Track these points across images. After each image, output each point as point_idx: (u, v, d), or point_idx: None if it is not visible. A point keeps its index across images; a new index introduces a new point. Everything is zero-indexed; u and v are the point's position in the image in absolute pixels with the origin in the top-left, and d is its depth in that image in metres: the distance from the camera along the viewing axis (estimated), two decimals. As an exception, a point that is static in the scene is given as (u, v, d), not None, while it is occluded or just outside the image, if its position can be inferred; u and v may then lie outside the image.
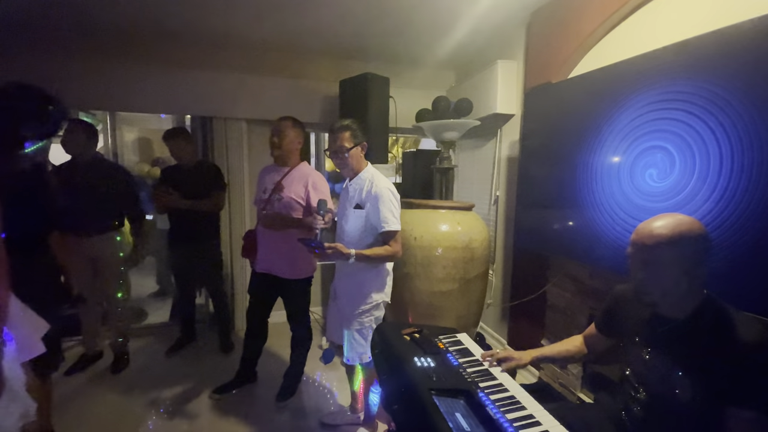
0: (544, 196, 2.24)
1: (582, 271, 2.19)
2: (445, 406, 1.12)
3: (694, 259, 0.99)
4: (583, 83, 1.96)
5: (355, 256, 1.68)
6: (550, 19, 2.37)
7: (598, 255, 1.84)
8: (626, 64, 1.71)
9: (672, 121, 1.50)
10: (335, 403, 2.35)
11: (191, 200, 2.58)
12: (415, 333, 1.58)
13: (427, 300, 2.35)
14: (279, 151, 2.13)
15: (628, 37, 1.95)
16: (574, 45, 2.19)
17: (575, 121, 1.98)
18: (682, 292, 1.03)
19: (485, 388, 1.23)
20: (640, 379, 1.15)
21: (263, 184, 2.21)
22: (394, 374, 1.35)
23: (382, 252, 1.73)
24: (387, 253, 1.74)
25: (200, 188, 2.63)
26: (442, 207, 2.47)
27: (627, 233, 1.69)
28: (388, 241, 1.75)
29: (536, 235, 2.32)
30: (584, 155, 1.90)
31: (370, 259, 1.73)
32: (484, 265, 2.46)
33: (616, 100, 1.73)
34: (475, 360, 1.43)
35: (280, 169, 2.20)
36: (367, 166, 1.86)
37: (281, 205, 2.11)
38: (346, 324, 1.86)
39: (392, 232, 1.73)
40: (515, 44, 2.73)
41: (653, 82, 1.57)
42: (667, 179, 1.54)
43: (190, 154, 2.73)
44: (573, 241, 2.00)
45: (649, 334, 1.14)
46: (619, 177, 1.73)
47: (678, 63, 1.48)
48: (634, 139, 1.66)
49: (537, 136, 2.33)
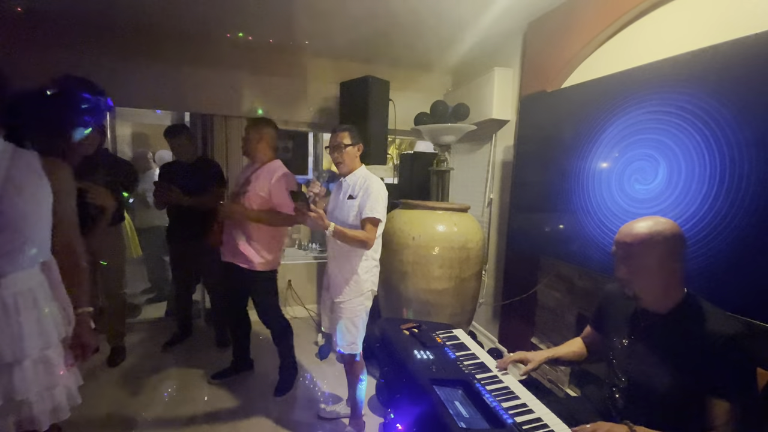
0: (536, 199, 2.34)
1: (572, 272, 2.29)
2: (445, 395, 1.19)
3: (670, 256, 1.11)
4: (577, 93, 2.06)
5: (333, 230, 1.74)
6: (546, 29, 2.47)
7: (587, 257, 1.94)
8: (618, 76, 1.81)
9: (660, 130, 1.61)
10: (332, 396, 2.41)
11: (192, 197, 2.61)
12: (414, 328, 1.65)
13: (423, 297, 2.42)
14: (246, 148, 2.27)
15: (620, 51, 2.06)
16: (568, 56, 2.29)
17: (568, 129, 2.07)
18: (660, 288, 1.14)
19: (481, 379, 1.31)
20: (622, 369, 1.24)
21: (239, 178, 2.36)
22: (396, 366, 1.42)
23: (356, 235, 1.80)
24: (360, 238, 1.80)
25: (200, 185, 2.66)
26: (439, 208, 2.55)
27: (613, 235, 1.79)
28: (365, 226, 1.83)
29: (528, 237, 2.41)
30: (576, 162, 2.00)
31: (345, 237, 1.78)
32: (478, 265, 2.55)
33: (607, 110, 1.83)
34: (471, 353, 1.51)
35: (252, 165, 2.31)
36: (362, 166, 2.00)
37: (245, 199, 2.20)
38: (337, 312, 1.94)
39: (373, 219, 1.83)
40: (512, 52, 2.82)
41: (643, 94, 1.67)
42: (653, 185, 1.64)
43: (191, 151, 2.77)
44: (564, 243, 2.09)
45: (633, 326, 1.25)
46: (608, 183, 1.83)
47: (667, 77, 1.59)
48: (623, 148, 1.76)
49: (531, 142, 2.43)
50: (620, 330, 1.29)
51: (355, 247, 1.85)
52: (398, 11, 2.44)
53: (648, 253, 1.11)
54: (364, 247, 1.85)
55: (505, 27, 2.67)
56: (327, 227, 1.73)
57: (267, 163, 2.27)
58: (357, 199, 1.89)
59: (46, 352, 1.14)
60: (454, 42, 2.92)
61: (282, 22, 2.68)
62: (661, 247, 1.10)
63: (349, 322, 1.92)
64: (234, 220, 2.21)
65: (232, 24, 2.75)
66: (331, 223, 1.75)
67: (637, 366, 1.20)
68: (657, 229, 1.11)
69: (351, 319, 1.93)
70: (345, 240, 1.80)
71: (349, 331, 1.93)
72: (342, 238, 1.79)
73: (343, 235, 1.78)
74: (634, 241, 1.13)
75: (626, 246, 1.15)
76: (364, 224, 1.84)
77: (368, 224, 1.83)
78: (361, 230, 1.84)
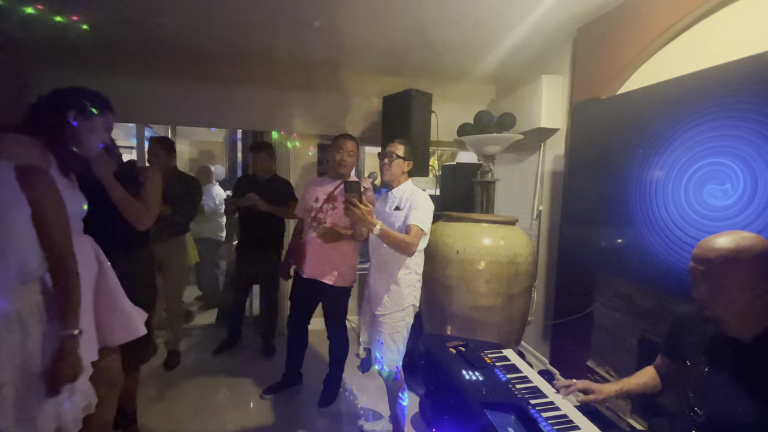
0: (591, 211, 2.20)
1: (633, 291, 2.11)
2: (497, 420, 1.13)
3: (758, 275, 0.98)
4: (636, 98, 1.93)
5: (381, 228, 1.71)
6: (597, 35, 2.35)
7: (651, 274, 1.78)
8: (685, 79, 1.67)
9: (734, 137, 1.45)
10: (373, 412, 2.38)
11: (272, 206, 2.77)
12: (461, 346, 1.59)
13: (469, 314, 2.34)
14: (344, 168, 2.28)
15: (681, 55, 1.91)
16: (623, 61, 2.16)
17: (626, 136, 1.94)
18: (746, 311, 1.01)
19: (536, 405, 1.23)
20: (700, 401, 1.11)
21: (314, 194, 2.32)
22: (442, 386, 1.36)
23: (400, 237, 1.76)
24: (404, 241, 1.76)
25: (273, 198, 2.82)
26: (485, 221, 2.46)
27: (682, 251, 1.64)
28: (408, 231, 1.79)
29: (582, 252, 2.26)
30: (636, 171, 1.86)
31: (389, 237, 1.75)
32: (528, 281, 2.43)
33: (672, 116, 1.69)
34: (524, 376, 1.42)
35: (331, 181, 2.31)
36: (408, 180, 2.00)
37: (334, 215, 2.21)
38: (377, 327, 1.91)
39: (416, 227, 1.79)
40: (560, 59, 2.71)
41: (714, 97, 1.53)
42: (727, 197, 1.48)
43: (269, 167, 2.98)
44: (623, 259, 1.94)
45: (713, 354, 1.12)
46: (676, 194, 1.68)
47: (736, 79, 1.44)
48: (692, 156, 1.61)
49: (584, 151, 2.29)
50: (697, 358, 1.15)
51: (397, 250, 1.81)
52: (439, 22, 2.43)
53: (733, 271, 0.99)
54: (406, 251, 1.79)
55: (552, 34, 2.57)
56: (375, 224, 1.71)
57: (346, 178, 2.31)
58: (403, 211, 1.88)
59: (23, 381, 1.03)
60: (497, 51, 2.85)
61: (323, 40, 2.76)
62: (748, 265, 0.98)
63: (389, 338, 1.89)
64: (327, 241, 2.22)
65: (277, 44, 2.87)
66: (379, 222, 1.73)
67: (718, 398, 1.06)
68: (744, 244, 0.99)
69: (391, 335, 1.89)
70: (389, 241, 1.77)
71: (389, 348, 1.89)
72: (386, 239, 1.76)
73: (388, 235, 1.75)
74: (717, 257, 1.01)
75: (708, 262, 1.03)
76: (408, 230, 1.81)
77: (413, 230, 1.79)
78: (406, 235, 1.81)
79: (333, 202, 2.24)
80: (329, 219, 2.23)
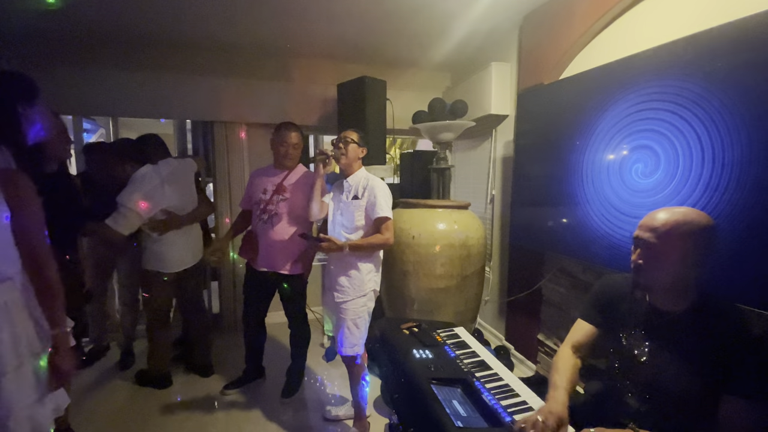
0: (538, 194, 2.31)
1: (575, 267, 2.26)
2: (443, 394, 1.18)
3: (696, 248, 1.02)
4: (574, 84, 2.03)
5: (348, 247, 1.78)
6: (541, 22, 2.44)
7: (590, 250, 1.91)
8: (614, 66, 1.78)
9: (657, 120, 1.57)
10: (337, 398, 2.41)
11: None
12: (414, 327, 1.65)
13: (426, 296, 2.41)
14: (291, 161, 2.23)
15: (616, 40, 2.02)
16: (564, 47, 2.26)
17: (566, 121, 2.04)
18: (680, 283, 1.06)
19: (481, 377, 1.30)
20: (633, 369, 1.16)
21: (261, 185, 2.26)
22: (394, 366, 1.41)
23: (374, 241, 1.86)
24: (379, 242, 1.86)
25: None
26: (439, 206, 2.53)
27: (618, 228, 1.77)
28: (380, 228, 1.86)
29: (531, 232, 2.38)
30: (575, 154, 1.97)
31: (363, 248, 1.84)
32: (480, 262, 2.53)
33: (604, 101, 1.80)
34: (471, 351, 1.50)
35: (277, 171, 2.27)
36: (362, 168, 2.03)
37: (285, 205, 2.19)
38: (340, 314, 1.94)
39: (385, 218, 1.86)
40: (509, 46, 2.79)
41: (639, 82, 1.64)
42: (654, 175, 1.61)
43: None
44: (566, 237, 2.06)
45: (645, 324, 1.16)
46: (608, 174, 1.80)
47: (663, 64, 1.55)
48: (622, 138, 1.73)
49: (530, 136, 2.40)
50: (627, 327, 1.19)
51: (377, 250, 1.89)
52: (393, 9, 2.43)
53: (677, 241, 1.03)
54: (386, 246, 1.89)
55: (500, 21, 2.64)
56: (342, 246, 1.78)
57: (294, 168, 2.27)
58: (362, 200, 1.91)
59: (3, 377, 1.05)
60: (448, 39, 2.90)
61: (276, 27, 2.69)
62: (690, 238, 1.02)
63: (351, 324, 1.92)
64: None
65: (226, 31, 2.77)
66: (345, 243, 1.79)
67: (652, 367, 1.11)
68: (692, 217, 1.03)
69: (354, 321, 1.92)
70: (364, 250, 1.84)
71: (351, 332, 1.93)
72: (360, 250, 1.83)
73: (360, 247, 1.81)
74: (663, 226, 1.05)
75: (654, 230, 1.06)
76: (378, 225, 1.86)
77: (383, 223, 1.86)
78: (377, 233, 1.87)
79: (283, 193, 2.21)
80: (280, 209, 2.20)
